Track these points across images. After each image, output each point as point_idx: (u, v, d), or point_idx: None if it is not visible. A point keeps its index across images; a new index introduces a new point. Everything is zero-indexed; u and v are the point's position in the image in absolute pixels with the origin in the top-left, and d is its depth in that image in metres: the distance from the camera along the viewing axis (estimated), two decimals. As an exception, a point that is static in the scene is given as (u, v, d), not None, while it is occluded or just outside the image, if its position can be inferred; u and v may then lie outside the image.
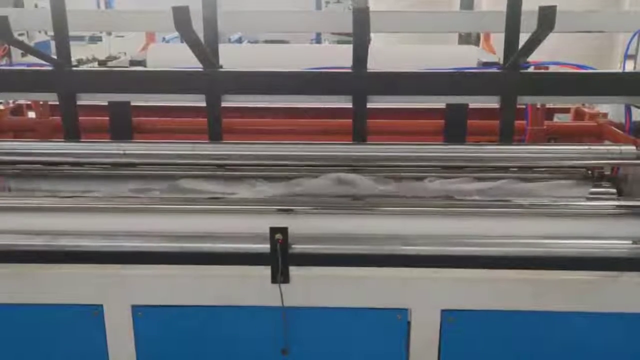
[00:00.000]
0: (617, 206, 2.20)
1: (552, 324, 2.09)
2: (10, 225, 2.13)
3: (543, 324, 2.10)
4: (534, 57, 2.29)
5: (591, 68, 2.39)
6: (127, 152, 2.26)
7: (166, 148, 2.31)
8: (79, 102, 2.40)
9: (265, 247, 2.02)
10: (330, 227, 2.13)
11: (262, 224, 2.02)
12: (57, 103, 2.41)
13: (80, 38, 7.32)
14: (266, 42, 5.87)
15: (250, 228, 2.08)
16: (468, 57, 2.81)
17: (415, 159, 2.28)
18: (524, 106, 2.64)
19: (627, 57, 2.46)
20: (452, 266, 2.08)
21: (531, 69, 2.49)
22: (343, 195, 2.25)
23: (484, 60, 2.90)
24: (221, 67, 2.35)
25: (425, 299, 2.09)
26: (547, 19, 1.95)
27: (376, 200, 2.25)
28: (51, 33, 2.39)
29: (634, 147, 2.19)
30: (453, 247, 2.09)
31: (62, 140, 2.46)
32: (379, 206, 2.22)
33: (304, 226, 2.08)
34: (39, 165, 2.44)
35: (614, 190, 2.29)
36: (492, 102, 2.34)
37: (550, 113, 3.04)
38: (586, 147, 2.26)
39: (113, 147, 2.32)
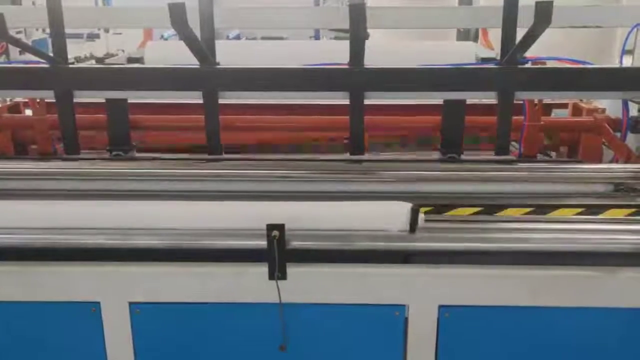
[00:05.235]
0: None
1: (548, 319, 2.09)
2: (7, 222, 2.12)
3: (540, 319, 2.10)
4: (531, 52, 2.29)
5: (589, 63, 2.38)
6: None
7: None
8: (76, 100, 2.39)
9: (262, 243, 2.01)
10: (327, 223, 2.12)
11: (259, 220, 2.02)
12: (54, 100, 2.41)
13: (77, 35, 7.30)
14: (263, 38, 5.85)
15: (247, 225, 2.08)
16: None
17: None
18: (521, 102, 2.64)
19: (624, 52, 2.46)
20: (450, 262, 2.07)
21: (529, 64, 2.49)
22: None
23: (482, 55, 2.89)
24: (218, 64, 2.35)
25: (423, 295, 2.09)
26: (543, 14, 1.95)
27: (375, 196, 2.25)
28: (49, 31, 2.39)
29: None
30: (450, 243, 2.09)
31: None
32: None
33: (301, 222, 2.08)
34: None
35: None
36: (489, 98, 2.34)
37: (548, 108, 3.04)
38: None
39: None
